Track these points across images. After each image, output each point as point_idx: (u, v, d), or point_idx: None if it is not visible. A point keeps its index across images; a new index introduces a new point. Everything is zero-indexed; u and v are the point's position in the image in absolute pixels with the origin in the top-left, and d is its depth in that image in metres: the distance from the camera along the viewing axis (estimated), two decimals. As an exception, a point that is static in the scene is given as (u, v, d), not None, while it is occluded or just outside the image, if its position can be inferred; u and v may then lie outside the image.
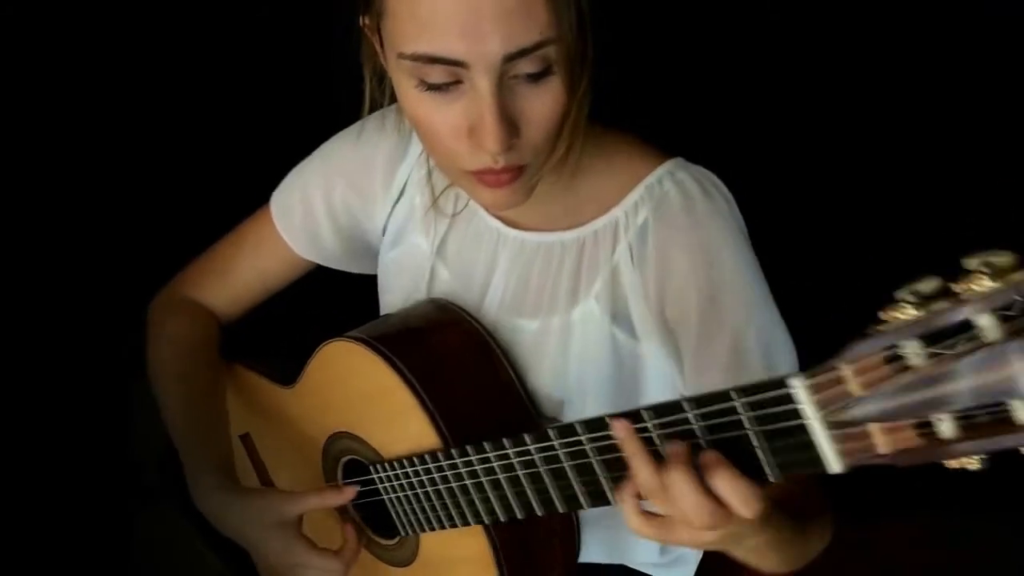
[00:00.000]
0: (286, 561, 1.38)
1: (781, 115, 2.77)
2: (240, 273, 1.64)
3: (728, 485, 0.94)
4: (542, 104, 1.14)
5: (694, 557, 1.58)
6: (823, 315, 1.57)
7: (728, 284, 1.28)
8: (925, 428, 0.84)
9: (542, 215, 1.38)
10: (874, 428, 0.86)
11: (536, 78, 1.12)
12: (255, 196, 1.63)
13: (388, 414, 1.35)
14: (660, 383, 1.36)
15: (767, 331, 1.28)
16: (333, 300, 1.69)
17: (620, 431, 1.00)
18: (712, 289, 1.27)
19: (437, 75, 1.12)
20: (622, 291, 1.33)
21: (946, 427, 0.83)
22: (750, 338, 1.26)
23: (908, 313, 0.82)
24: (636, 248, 1.31)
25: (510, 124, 1.14)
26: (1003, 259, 0.79)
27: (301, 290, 1.67)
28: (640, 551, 1.53)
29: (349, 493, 1.39)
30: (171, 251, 1.72)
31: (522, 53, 1.09)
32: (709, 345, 1.27)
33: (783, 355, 1.28)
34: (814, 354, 0.92)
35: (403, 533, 1.43)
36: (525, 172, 1.21)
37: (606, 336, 1.35)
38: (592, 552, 1.43)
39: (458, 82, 1.13)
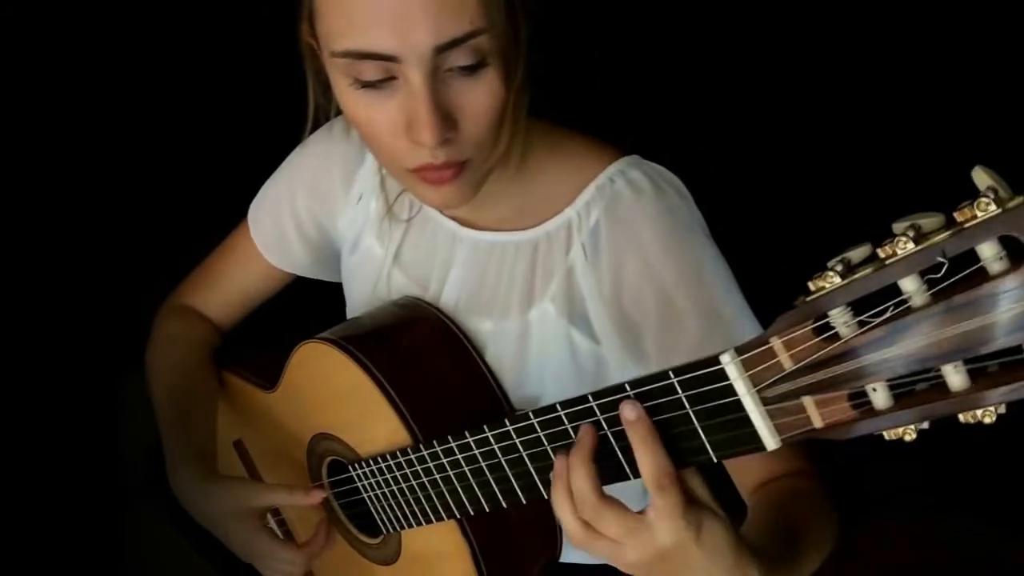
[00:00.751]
0: (249, 550, 1.40)
1: (742, 110, 2.76)
2: (228, 284, 1.66)
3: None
4: (478, 97, 1.12)
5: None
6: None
7: (686, 279, 1.25)
8: (859, 399, 0.82)
9: (496, 215, 1.36)
10: (808, 401, 0.84)
11: (471, 70, 1.10)
12: (244, 196, 1.64)
13: (360, 413, 1.34)
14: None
15: (732, 324, 1.24)
16: (318, 297, 1.69)
17: (629, 413, 0.95)
18: (669, 285, 1.24)
19: (370, 72, 1.10)
20: (578, 292, 1.31)
21: (880, 397, 0.81)
22: (714, 332, 1.23)
23: (833, 281, 0.79)
24: (590, 248, 1.29)
25: (446, 117, 1.11)
26: (931, 220, 0.76)
27: (289, 288, 1.67)
28: None
29: (317, 496, 1.39)
30: (159, 254, 1.73)
31: (453, 44, 1.07)
32: (673, 342, 1.25)
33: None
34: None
35: (385, 531, 1.41)
36: (468, 168, 1.19)
37: (564, 337, 1.33)
38: (572, 551, 1.41)
39: (392, 78, 1.11)
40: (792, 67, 2.81)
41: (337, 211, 1.53)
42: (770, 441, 0.87)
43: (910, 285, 0.76)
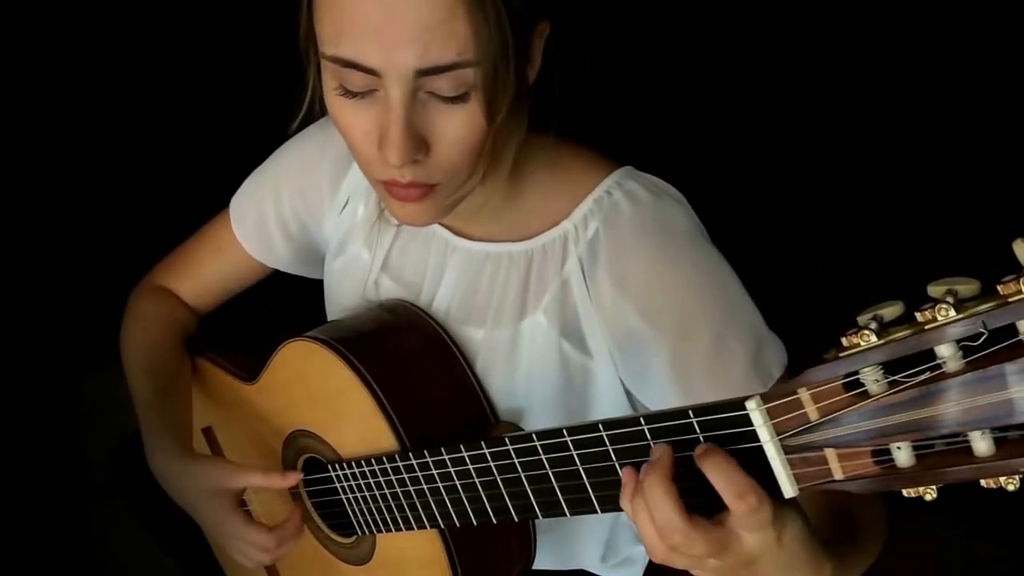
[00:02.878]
0: (220, 531, 1.41)
1: (732, 118, 2.77)
2: (203, 272, 1.65)
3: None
4: (455, 127, 1.12)
5: (642, 560, 1.57)
6: (810, 307, 1.55)
7: (694, 289, 1.25)
8: (882, 456, 0.83)
9: (491, 227, 1.36)
10: (830, 454, 0.85)
11: (452, 100, 1.10)
12: (212, 193, 1.62)
13: (346, 415, 1.34)
14: (609, 398, 1.34)
15: (747, 329, 1.24)
16: (299, 295, 1.68)
17: (661, 454, 0.93)
18: (677, 297, 1.24)
19: (355, 81, 1.11)
20: (572, 305, 1.31)
21: (903, 456, 0.82)
22: (730, 339, 1.23)
23: (869, 340, 0.80)
24: (587, 262, 1.29)
25: (417, 139, 1.12)
26: (967, 287, 0.77)
27: (267, 283, 1.66)
28: (586, 556, 1.52)
29: (293, 479, 1.39)
30: (123, 253, 1.71)
31: (436, 71, 1.07)
32: (687, 354, 1.24)
33: (771, 353, 1.25)
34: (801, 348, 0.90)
35: (360, 533, 1.41)
36: (437, 192, 1.18)
37: (554, 349, 1.33)
38: (541, 559, 1.42)
39: (374, 90, 1.11)
40: (781, 74, 2.83)
41: (323, 213, 1.52)
42: (788, 489, 0.88)
43: (946, 351, 0.77)
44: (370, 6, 1.05)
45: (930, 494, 0.82)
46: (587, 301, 1.30)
